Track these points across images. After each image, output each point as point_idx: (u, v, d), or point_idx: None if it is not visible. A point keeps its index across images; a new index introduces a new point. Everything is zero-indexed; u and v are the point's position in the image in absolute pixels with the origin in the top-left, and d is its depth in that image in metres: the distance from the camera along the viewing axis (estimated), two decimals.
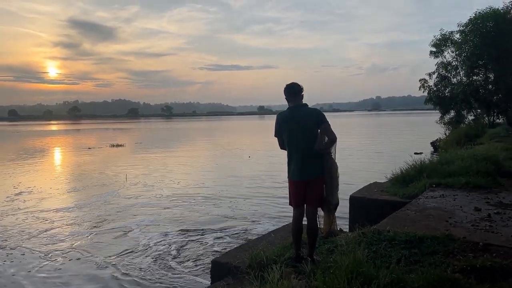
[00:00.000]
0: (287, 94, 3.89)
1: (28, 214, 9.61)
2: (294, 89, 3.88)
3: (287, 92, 3.89)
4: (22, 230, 8.26)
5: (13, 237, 7.73)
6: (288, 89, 3.89)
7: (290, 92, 3.88)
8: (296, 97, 3.87)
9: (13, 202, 10.92)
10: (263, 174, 14.47)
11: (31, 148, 30.09)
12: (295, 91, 3.88)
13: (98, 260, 6.48)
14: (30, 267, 6.21)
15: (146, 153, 24.01)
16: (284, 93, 3.91)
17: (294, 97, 3.87)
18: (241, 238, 7.22)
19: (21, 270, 6.12)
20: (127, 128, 72.28)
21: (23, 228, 8.43)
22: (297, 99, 3.87)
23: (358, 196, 6.66)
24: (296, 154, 3.78)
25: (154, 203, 10.49)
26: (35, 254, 6.89)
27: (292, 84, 3.90)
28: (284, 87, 3.92)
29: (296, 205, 3.87)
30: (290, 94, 3.88)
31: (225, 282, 3.81)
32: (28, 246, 7.31)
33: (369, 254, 3.60)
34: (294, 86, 3.90)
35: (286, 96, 3.91)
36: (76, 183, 14.02)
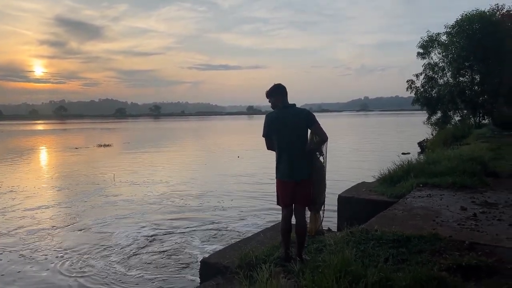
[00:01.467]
0: (277, 95, 3.88)
1: (8, 212, 9.52)
2: (283, 89, 3.90)
3: (275, 93, 3.88)
4: (6, 225, 8.23)
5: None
6: (277, 89, 3.89)
7: (281, 92, 3.88)
8: (285, 97, 3.88)
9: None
10: (252, 174, 14.48)
11: (16, 148, 29.64)
12: (284, 91, 3.89)
13: (77, 260, 6.41)
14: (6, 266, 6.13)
15: (134, 153, 23.84)
16: (272, 94, 3.89)
17: (284, 97, 3.88)
18: (230, 238, 7.21)
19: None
20: (114, 128, 71.63)
21: (8, 223, 8.42)
22: (286, 99, 3.88)
23: (346, 195, 6.70)
24: (286, 154, 3.78)
25: (141, 202, 10.42)
26: (12, 253, 6.82)
27: (279, 84, 3.91)
28: (269, 89, 3.90)
29: (285, 205, 3.88)
30: (281, 94, 3.87)
31: (214, 282, 3.80)
32: (5, 243, 7.27)
33: (357, 253, 3.63)
34: (282, 86, 3.91)
35: (274, 97, 3.89)
36: (62, 183, 13.86)
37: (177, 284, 5.46)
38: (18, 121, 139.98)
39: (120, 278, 5.69)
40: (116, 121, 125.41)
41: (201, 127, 69.48)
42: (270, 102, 3.94)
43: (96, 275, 5.80)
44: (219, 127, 65.27)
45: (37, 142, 36.58)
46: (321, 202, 4.05)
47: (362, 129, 47.94)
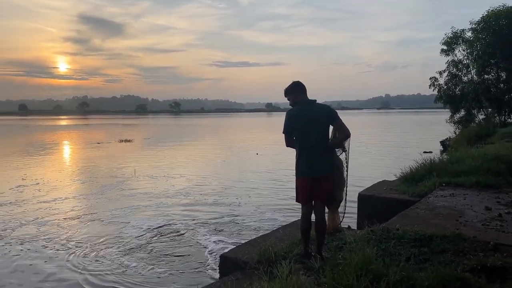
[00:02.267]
0: (295, 92, 3.86)
1: (31, 204, 9.83)
2: (303, 85, 3.89)
3: (296, 89, 3.87)
4: (24, 217, 8.49)
5: (13, 223, 7.84)
6: (297, 86, 3.88)
7: (301, 89, 3.87)
8: (305, 94, 3.87)
9: (20, 192, 11.14)
10: (271, 171, 14.48)
11: (41, 142, 30.41)
12: (304, 88, 3.88)
13: (98, 253, 6.51)
14: (26, 255, 6.29)
15: (154, 149, 24.13)
16: (292, 91, 3.88)
17: (303, 94, 3.86)
18: (248, 234, 7.22)
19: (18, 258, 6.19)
20: (135, 123, 72.66)
21: (25, 216, 8.69)
22: (306, 96, 3.87)
23: (367, 194, 6.64)
24: (308, 151, 3.76)
25: (160, 196, 10.57)
26: (32, 242, 7.02)
27: (298, 81, 3.91)
28: (288, 86, 3.90)
29: (305, 202, 3.87)
30: (301, 91, 3.87)
31: (233, 277, 3.82)
32: (27, 234, 7.50)
33: (378, 252, 3.59)
34: (301, 83, 3.91)
35: (294, 94, 3.87)
36: (84, 176, 14.19)
37: (195, 278, 5.49)
38: (43, 116, 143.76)
39: (136, 270, 5.77)
40: (137, 117, 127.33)
41: (220, 124, 69.81)
42: (289, 100, 3.93)
43: (109, 268, 5.89)
44: (238, 124, 65.43)
45: (61, 137, 37.44)
46: (340, 199, 4.02)
47: (383, 127, 47.32)
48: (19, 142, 31.31)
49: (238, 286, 3.56)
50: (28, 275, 5.72)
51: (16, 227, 7.97)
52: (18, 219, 8.52)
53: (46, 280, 5.59)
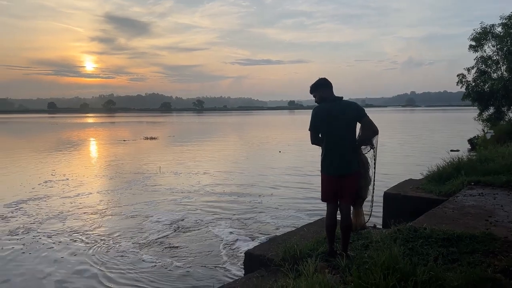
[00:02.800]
0: (323, 88, 3.83)
1: (58, 198, 10.19)
2: (329, 82, 3.86)
3: (322, 86, 3.84)
4: (51, 211, 8.77)
5: (42, 217, 8.09)
6: (323, 83, 3.85)
7: (327, 85, 3.84)
8: (331, 91, 3.84)
9: (49, 187, 11.52)
10: (294, 169, 14.43)
11: (69, 140, 31.24)
12: (331, 84, 3.85)
13: (122, 247, 6.64)
14: (56, 248, 6.47)
15: (178, 146, 24.43)
16: (318, 87, 3.85)
17: (331, 90, 3.83)
18: (271, 231, 7.24)
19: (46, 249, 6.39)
20: (160, 121, 73.68)
21: (53, 209, 9.01)
22: (332, 93, 3.83)
23: (393, 192, 6.56)
24: (334, 148, 3.73)
25: (185, 192, 10.72)
26: (58, 236, 7.25)
27: (323, 78, 3.88)
28: (315, 83, 3.88)
29: (330, 200, 3.84)
30: (327, 87, 3.83)
31: (258, 274, 3.84)
32: (54, 227, 7.77)
33: (405, 251, 3.55)
34: (326, 79, 3.87)
35: (320, 91, 3.84)
36: (110, 172, 14.52)
37: (216, 274, 5.51)
38: (71, 114, 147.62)
39: (156, 265, 5.85)
40: (161, 115, 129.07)
41: (242, 121, 69.98)
42: (315, 97, 3.90)
43: (129, 262, 6.00)
44: (260, 122, 65.44)
45: (88, 135, 38.35)
46: (364, 197, 3.97)
47: (408, 125, 46.47)
48: (49, 140, 32.23)
49: (263, 282, 3.58)
50: (53, 267, 5.89)
51: (44, 220, 8.25)
52: (46, 212, 8.82)
53: (69, 273, 5.72)
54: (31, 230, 7.58)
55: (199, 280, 5.41)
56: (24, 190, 11.27)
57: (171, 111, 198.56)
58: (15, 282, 5.46)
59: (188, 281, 5.41)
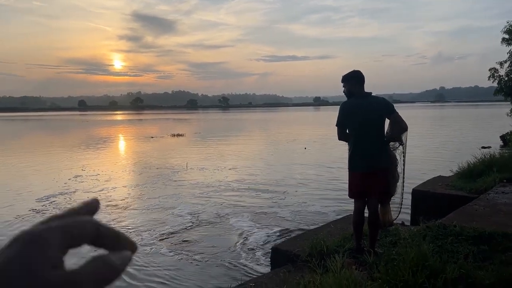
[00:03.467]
0: (355, 82, 3.75)
1: (88, 192, 10.56)
2: (361, 76, 3.76)
3: (353, 79, 3.75)
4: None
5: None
6: (355, 76, 3.76)
7: (358, 79, 3.75)
8: (362, 85, 3.76)
9: (80, 182, 11.93)
10: (320, 165, 14.35)
11: (98, 136, 32.09)
12: (362, 78, 3.75)
13: (141, 241, 6.75)
14: None
15: (204, 143, 24.67)
16: (348, 80, 3.77)
17: (361, 85, 3.75)
18: (298, 228, 7.24)
19: None
20: (186, 118, 74.55)
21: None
22: (363, 87, 3.77)
23: (422, 189, 6.46)
24: (362, 144, 3.70)
25: (211, 188, 10.82)
26: None
27: (358, 71, 3.78)
28: (346, 74, 3.78)
29: (357, 197, 3.83)
30: (358, 81, 3.75)
31: (285, 269, 3.88)
32: None
33: (434, 249, 3.51)
34: (360, 72, 3.77)
35: (349, 84, 3.77)
36: (138, 168, 14.87)
37: (241, 269, 5.53)
38: (100, 112, 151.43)
39: (185, 259, 5.94)
40: (187, 112, 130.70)
41: (267, 118, 69.97)
42: (344, 88, 3.81)
43: (153, 258, 6.08)
44: (286, 119, 65.27)
45: (117, 131, 39.25)
46: (392, 194, 3.94)
47: (437, 121, 45.40)
48: (80, 136, 33.19)
49: (290, 278, 3.61)
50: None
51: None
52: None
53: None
54: None
55: (220, 274, 5.42)
56: (57, 184, 11.68)
57: (197, 108, 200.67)
58: None
59: (209, 274, 5.44)
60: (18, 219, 8.17)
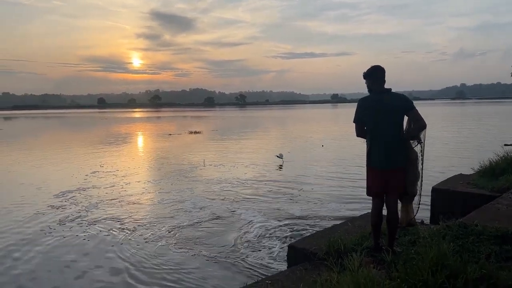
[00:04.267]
0: (374, 78, 3.70)
1: (107, 187, 10.82)
2: (381, 71, 3.69)
3: (372, 76, 3.70)
4: (96, 200, 9.30)
5: (88, 205, 8.50)
6: (374, 72, 3.70)
7: (377, 75, 3.69)
8: (382, 81, 3.69)
9: (99, 178, 12.15)
10: (338, 163, 14.25)
11: (117, 134, 32.57)
12: (382, 74, 3.69)
13: (164, 236, 6.78)
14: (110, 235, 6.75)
15: (222, 140, 24.77)
16: (368, 76, 3.72)
17: (380, 81, 3.69)
18: (316, 225, 7.19)
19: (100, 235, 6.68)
20: (203, 116, 74.96)
21: (97, 198, 9.62)
22: (382, 84, 3.70)
23: (442, 188, 6.34)
24: (380, 141, 3.64)
25: (228, 185, 10.88)
26: (98, 224, 7.67)
27: (378, 66, 3.71)
28: (366, 70, 3.73)
29: (375, 195, 3.78)
30: (377, 77, 3.68)
31: (302, 267, 3.85)
32: (97, 214, 8.25)
33: (455, 248, 3.44)
34: (381, 69, 3.70)
35: (370, 80, 3.72)
36: (155, 165, 15.07)
37: (262, 266, 5.55)
38: (119, 109, 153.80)
39: (199, 255, 5.96)
40: (205, 110, 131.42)
41: (284, 115, 69.77)
42: (366, 84, 3.76)
43: (174, 253, 6.13)
44: (303, 116, 64.96)
45: (135, 129, 39.75)
46: (413, 193, 3.88)
47: (458, 118, 44.52)
48: (99, 133, 33.73)
49: (307, 275, 3.59)
50: (92, 256, 6.17)
51: (91, 207, 8.75)
52: (92, 201, 9.34)
53: (101, 264, 5.91)
54: (76, 218, 8.04)
55: (235, 271, 5.40)
56: (76, 180, 11.94)
57: (214, 106, 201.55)
58: (74, 268, 5.76)
59: (224, 271, 5.43)
60: (38, 215, 8.35)
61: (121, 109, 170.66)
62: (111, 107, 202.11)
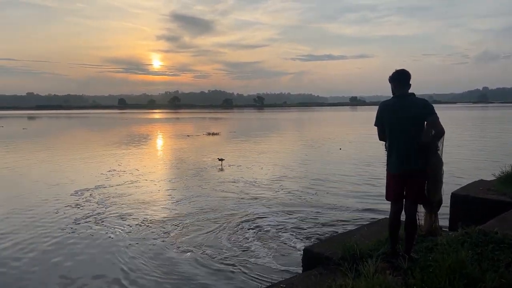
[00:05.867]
0: (396, 82, 3.70)
1: (124, 186, 11.10)
2: (405, 76, 3.68)
3: (397, 80, 3.70)
4: (118, 199, 9.40)
5: (104, 203, 8.63)
6: (397, 76, 3.70)
7: (400, 80, 3.68)
8: (405, 86, 3.67)
9: (118, 177, 12.46)
10: (355, 167, 14.12)
11: (137, 134, 33.03)
12: (405, 79, 3.68)
13: (180, 240, 6.81)
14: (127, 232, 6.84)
15: (239, 142, 24.83)
16: (391, 80, 3.73)
17: (403, 86, 3.68)
18: (331, 229, 7.15)
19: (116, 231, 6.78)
20: (221, 117, 75.34)
21: (113, 196, 9.85)
22: (405, 88, 3.68)
23: (461, 194, 6.22)
24: (398, 145, 3.62)
25: (246, 186, 10.92)
26: (110, 221, 7.90)
27: (402, 71, 3.71)
28: (391, 74, 3.73)
29: (393, 199, 3.75)
30: (399, 82, 3.68)
31: (317, 272, 3.84)
32: (112, 213, 8.51)
33: (474, 256, 3.38)
34: (404, 73, 3.69)
35: (393, 84, 3.72)
36: (172, 165, 15.28)
37: (274, 270, 5.52)
38: (139, 110, 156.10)
39: (213, 257, 5.98)
40: (223, 111, 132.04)
41: (302, 118, 69.54)
42: (391, 88, 3.78)
43: (191, 257, 6.17)
44: (320, 118, 64.59)
45: (154, 129, 40.23)
46: (435, 200, 3.79)
47: (479, 122, 43.61)
48: (119, 134, 34.26)
49: (322, 281, 3.57)
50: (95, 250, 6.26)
51: (108, 205, 8.93)
52: (108, 199, 9.58)
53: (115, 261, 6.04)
54: (91, 216, 8.22)
55: (250, 274, 5.40)
56: (97, 178, 12.23)
57: (232, 108, 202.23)
58: (93, 266, 5.88)
59: (238, 273, 5.43)
60: (59, 213, 8.54)
61: (140, 110, 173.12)
62: (131, 107, 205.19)
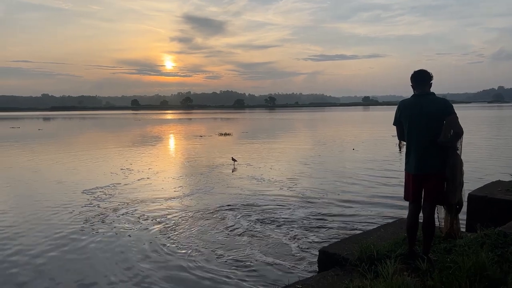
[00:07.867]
0: (413, 81, 3.72)
1: (136, 185, 11.31)
2: (422, 76, 3.68)
3: (414, 79, 3.71)
4: (133, 197, 9.45)
5: (122, 199, 8.72)
6: (416, 76, 3.71)
7: (417, 80, 3.69)
8: (424, 85, 3.67)
9: (130, 176, 12.60)
10: (369, 167, 14.01)
11: (150, 134, 33.35)
12: (423, 79, 3.68)
13: (193, 241, 6.82)
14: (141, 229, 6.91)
15: (251, 142, 24.85)
16: (411, 80, 3.74)
17: (422, 85, 3.67)
18: (347, 230, 7.10)
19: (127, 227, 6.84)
20: (233, 118, 75.51)
21: (134, 196, 9.95)
22: (425, 88, 3.67)
23: (479, 195, 6.13)
24: (416, 145, 3.60)
25: (259, 187, 10.88)
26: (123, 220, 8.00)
27: (420, 71, 3.71)
28: (412, 74, 3.75)
29: (411, 200, 3.72)
30: (417, 82, 3.69)
31: (333, 273, 3.83)
32: (123, 210, 8.65)
33: (494, 258, 3.33)
34: (422, 73, 3.70)
35: (412, 84, 3.74)
36: (185, 165, 15.37)
37: (290, 270, 5.49)
38: (152, 111, 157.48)
39: (229, 258, 5.98)
40: (235, 112, 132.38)
41: (314, 118, 69.28)
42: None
43: (196, 256, 6.18)
44: (333, 119, 64.28)
45: (167, 130, 40.51)
46: (455, 202, 3.73)
47: (495, 122, 42.93)
48: (132, 134, 34.59)
49: (338, 281, 3.56)
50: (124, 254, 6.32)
51: (123, 203, 8.95)
52: (120, 198, 9.75)
53: (128, 260, 6.09)
54: (102, 213, 8.38)
55: (265, 274, 5.39)
56: (111, 177, 12.45)
57: (244, 108, 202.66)
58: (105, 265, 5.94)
59: (254, 274, 5.42)
60: (73, 214, 8.64)
61: (153, 110, 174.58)
62: (144, 108, 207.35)
